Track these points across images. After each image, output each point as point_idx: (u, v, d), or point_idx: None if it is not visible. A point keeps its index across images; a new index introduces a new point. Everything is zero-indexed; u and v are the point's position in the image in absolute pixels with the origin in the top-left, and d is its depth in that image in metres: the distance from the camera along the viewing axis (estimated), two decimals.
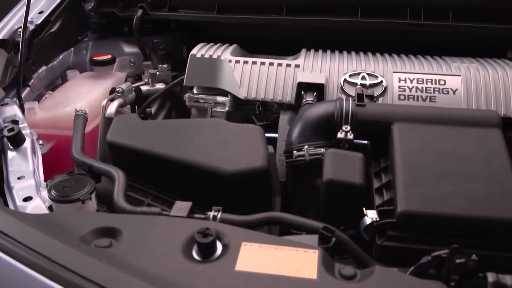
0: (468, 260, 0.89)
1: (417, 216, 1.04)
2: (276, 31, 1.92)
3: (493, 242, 1.04)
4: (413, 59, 1.66)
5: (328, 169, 1.13)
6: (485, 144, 1.19)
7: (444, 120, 1.25)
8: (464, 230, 1.04)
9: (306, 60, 1.63)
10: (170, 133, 1.32)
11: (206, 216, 1.07)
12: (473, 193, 1.07)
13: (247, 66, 1.62)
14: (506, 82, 1.52)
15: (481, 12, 1.74)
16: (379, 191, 1.18)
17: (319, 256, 0.88)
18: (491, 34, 1.77)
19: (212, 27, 2.05)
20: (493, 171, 1.12)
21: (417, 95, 1.51)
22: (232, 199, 1.19)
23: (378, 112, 1.30)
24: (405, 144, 1.18)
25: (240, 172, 1.17)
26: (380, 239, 1.06)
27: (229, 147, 1.24)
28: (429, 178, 1.10)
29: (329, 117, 1.30)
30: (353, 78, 1.56)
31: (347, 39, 1.81)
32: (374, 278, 0.84)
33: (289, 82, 1.58)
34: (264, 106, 1.62)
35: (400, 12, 1.75)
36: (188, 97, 1.68)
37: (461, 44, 1.80)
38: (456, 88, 1.51)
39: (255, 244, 0.91)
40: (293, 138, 1.32)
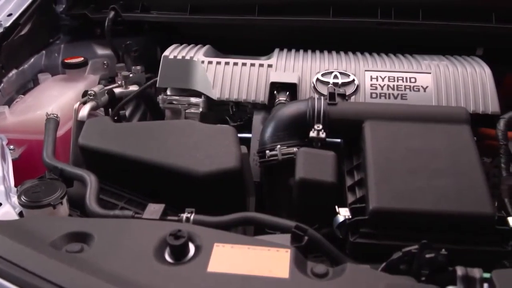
0: (438, 255, 0.91)
1: (388, 212, 1.05)
2: (249, 31, 1.92)
3: (462, 237, 1.06)
4: (384, 58, 1.68)
5: (300, 168, 1.14)
6: (454, 140, 1.21)
7: (414, 117, 1.27)
8: (434, 225, 1.05)
9: (279, 60, 1.64)
10: (143, 135, 1.31)
11: (179, 218, 1.07)
12: (443, 189, 1.09)
13: (220, 67, 1.62)
14: (475, 79, 1.55)
15: (450, 11, 1.77)
16: (352, 189, 1.19)
17: (291, 255, 0.88)
18: (460, 32, 1.80)
19: (186, 28, 2.04)
20: (461, 166, 1.14)
21: (388, 93, 1.53)
22: (206, 200, 1.19)
23: (350, 111, 1.31)
24: (376, 142, 1.19)
25: (213, 173, 1.17)
26: (353, 236, 1.07)
27: (201, 148, 1.24)
28: (400, 175, 1.12)
29: (301, 116, 1.31)
30: (326, 77, 1.57)
31: (320, 38, 1.82)
32: (345, 275, 0.85)
33: (262, 82, 1.58)
34: (237, 107, 1.62)
35: (371, 11, 1.77)
36: (161, 99, 1.67)
37: (431, 42, 1.83)
38: (426, 85, 1.54)
39: (227, 244, 0.91)
40: (266, 138, 1.33)
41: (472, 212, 1.05)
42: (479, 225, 1.06)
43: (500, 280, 0.83)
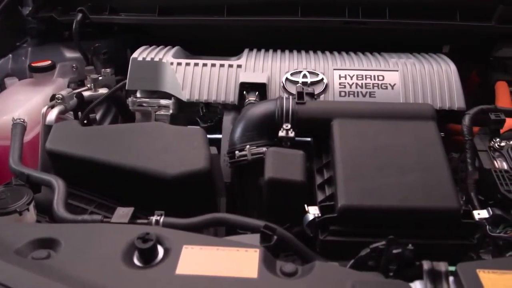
0: (405, 250, 0.92)
1: (356, 209, 1.06)
2: (218, 32, 1.92)
3: (430, 231, 1.07)
4: (352, 56, 1.70)
5: (269, 168, 1.14)
6: (421, 136, 1.23)
7: (381, 115, 1.28)
8: (402, 221, 1.07)
9: (248, 60, 1.64)
10: (111, 138, 1.30)
11: (148, 221, 1.07)
12: (410, 185, 1.10)
13: (189, 68, 1.62)
14: (441, 76, 1.58)
15: (416, 9, 1.79)
16: (321, 187, 1.20)
17: (260, 255, 0.88)
18: (426, 30, 1.83)
19: (155, 29, 2.03)
20: (428, 162, 1.16)
21: (357, 91, 1.54)
22: (176, 202, 1.19)
23: (318, 109, 1.32)
24: (344, 140, 1.21)
25: (182, 175, 1.17)
26: (323, 234, 1.08)
27: (170, 150, 1.23)
28: (368, 172, 1.13)
29: (270, 116, 1.31)
30: (295, 76, 1.57)
31: (289, 38, 1.84)
32: (313, 273, 0.85)
33: (232, 83, 1.58)
34: (208, 108, 1.62)
35: (339, 10, 1.78)
36: (131, 101, 1.66)
37: (398, 40, 1.85)
38: (394, 83, 1.56)
39: (196, 246, 0.90)
40: (236, 138, 1.33)
41: (438, 207, 1.07)
42: (446, 220, 1.08)
43: (464, 272, 0.85)
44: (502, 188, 1.21)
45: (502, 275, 0.85)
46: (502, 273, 0.85)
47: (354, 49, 1.76)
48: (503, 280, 0.83)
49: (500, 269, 0.86)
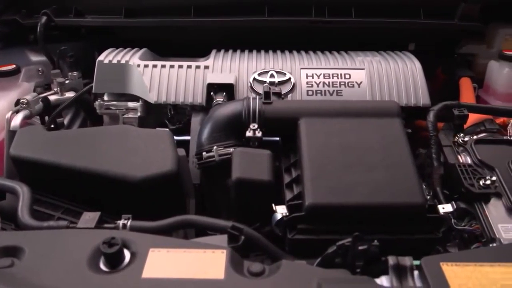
0: (370, 246, 0.93)
1: (323, 207, 1.07)
2: (186, 33, 1.92)
3: (396, 227, 1.09)
4: (319, 55, 1.71)
5: (236, 168, 1.14)
6: (386, 134, 1.24)
7: (347, 113, 1.30)
8: (369, 217, 1.08)
9: (215, 61, 1.64)
10: (77, 143, 1.28)
11: (115, 225, 1.05)
12: (376, 182, 1.12)
13: (156, 70, 1.61)
14: (406, 74, 1.60)
15: (381, 8, 1.82)
16: (289, 186, 1.20)
17: (227, 256, 0.88)
18: (392, 28, 1.86)
19: (122, 31, 2.01)
20: (393, 159, 1.18)
21: (324, 89, 1.56)
22: (144, 206, 1.18)
23: (285, 109, 1.33)
24: (311, 138, 1.21)
25: (149, 178, 1.16)
26: (291, 233, 1.08)
27: (137, 153, 1.22)
28: (335, 170, 1.14)
29: (237, 117, 1.31)
30: (262, 76, 1.58)
31: (256, 38, 1.84)
32: (280, 272, 0.86)
33: (199, 84, 1.58)
34: (176, 109, 1.61)
35: (305, 9, 1.80)
36: (98, 105, 1.64)
37: (365, 38, 1.87)
38: (360, 81, 1.57)
39: (163, 249, 0.90)
40: (203, 139, 1.32)
41: (404, 202, 1.09)
42: (411, 215, 1.09)
43: (428, 266, 0.86)
44: (466, 182, 1.23)
45: (464, 267, 0.86)
46: (464, 265, 0.87)
47: (321, 48, 1.78)
48: (465, 272, 0.85)
49: (462, 262, 0.88)
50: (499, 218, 1.18)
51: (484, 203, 1.21)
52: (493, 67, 1.80)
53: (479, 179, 1.24)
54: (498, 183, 1.25)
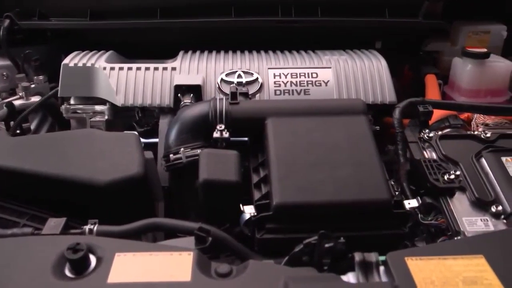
0: (336, 243, 0.94)
1: (291, 206, 1.08)
2: (153, 35, 1.90)
3: (363, 223, 1.10)
4: (287, 55, 1.72)
5: (203, 169, 1.13)
6: (352, 131, 1.26)
7: (314, 111, 1.31)
8: (336, 215, 1.09)
9: (183, 62, 1.63)
10: (42, 148, 1.26)
11: (82, 231, 1.04)
12: (342, 179, 1.13)
13: (122, 73, 1.59)
14: (373, 72, 1.62)
15: (347, 7, 1.84)
16: (258, 186, 1.20)
17: (194, 258, 0.88)
18: (358, 27, 1.88)
19: (88, 34, 1.98)
20: (360, 156, 1.19)
21: (292, 89, 1.57)
22: (112, 210, 1.16)
23: (252, 109, 1.33)
24: (278, 138, 1.22)
25: (115, 181, 1.14)
26: (259, 232, 1.09)
27: (103, 156, 1.20)
28: (302, 169, 1.15)
29: (204, 118, 1.31)
30: (230, 77, 1.58)
31: (224, 38, 1.84)
32: (247, 272, 0.86)
33: (167, 86, 1.57)
34: (143, 112, 1.60)
35: (272, 9, 1.81)
36: (64, 109, 1.61)
37: (332, 37, 1.88)
38: (327, 80, 1.59)
39: (129, 253, 0.89)
40: (170, 141, 1.31)
41: (370, 199, 1.10)
42: (378, 211, 1.11)
43: (393, 261, 0.88)
44: (431, 177, 1.25)
45: (428, 261, 0.88)
46: (428, 259, 0.88)
47: (288, 48, 1.78)
48: (429, 265, 0.87)
49: (426, 256, 0.89)
50: (463, 212, 1.20)
51: (449, 197, 1.23)
52: (457, 64, 1.84)
53: (444, 174, 1.26)
54: (462, 177, 1.27)
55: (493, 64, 1.77)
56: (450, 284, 0.83)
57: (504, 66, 1.79)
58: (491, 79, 1.77)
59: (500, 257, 0.90)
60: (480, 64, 1.75)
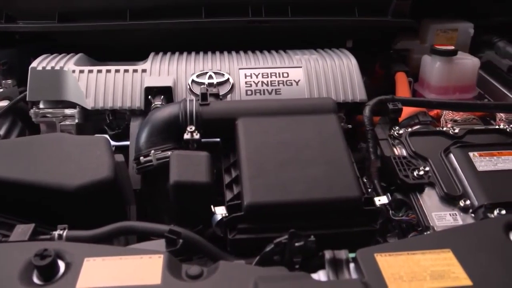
0: (307, 242, 0.94)
1: (262, 206, 1.08)
2: (123, 37, 1.88)
3: (335, 221, 1.11)
4: (258, 55, 1.72)
5: (174, 171, 1.13)
6: (323, 130, 1.26)
7: (284, 111, 1.31)
8: (307, 213, 1.10)
9: (153, 64, 1.62)
10: (9, 153, 1.23)
11: (51, 237, 1.03)
12: (313, 178, 1.13)
13: (92, 75, 1.57)
14: (343, 70, 1.64)
15: (317, 6, 1.85)
16: (229, 186, 1.20)
17: (164, 261, 0.87)
18: (329, 26, 1.89)
19: (57, 36, 1.95)
20: (330, 154, 1.20)
21: (263, 89, 1.57)
22: (83, 215, 1.15)
23: (222, 110, 1.33)
24: (248, 138, 1.22)
25: (85, 186, 1.13)
26: (231, 233, 1.09)
27: (72, 161, 1.19)
28: (273, 168, 1.15)
29: (175, 119, 1.30)
30: (201, 78, 1.57)
31: (195, 40, 1.83)
32: (218, 273, 0.86)
33: (137, 88, 1.56)
34: (114, 115, 1.58)
35: (242, 10, 1.80)
36: (33, 113, 1.59)
37: (303, 37, 1.90)
38: (298, 79, 1.60)
39: (98, 258, 0.88)
40: (141, 144, 1.30)
41: (340, 197, 1.11)
42: (348, 208, 1.11)
43: (363, 258, 0.88)
44: (401, 173, 1.27)
45: (397, 257, 0.89)
46: (397, 255, 0.89)
47: (259, 48, 1.79)
48: (397, 261, 0.88)
49: (395, 251, 0.90)
50: (433, 207, 1.22)
51: (418, 193, 1.26)
52: (426, 62, 1.86)
53: (414, 170, 1.28)
54: (431, 173, 1.29)
55: (461, 61, 1.81)
56: (418, 278, 0.85)
57: (471, 63, 1.82)
58: (459, 76, 1.80)
59: (467, 250, 0.92)
60: (448, 62, 1.78)
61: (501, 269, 0.89)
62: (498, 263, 0.90)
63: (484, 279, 0.86)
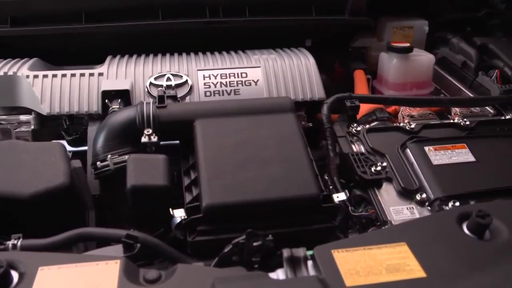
0: (265, 241, 0.95)
1: (221, 207, 1.08)
2: (80, 40, 1.84)
3: (294, 219, 1.11)
4: (216, 56, 1.72)
5: (131, 175, 1.11)
6: (281, 129, 1.27)
7: (242, 111, 1.31)
8: (266, 213, 1.10)
9: (110, 67, 1.60)
10: None
11: (5, 246, 1.00)
12: (271, 177, 1.14)
13: (47, 80, 1.54)
14: (301, 69, 1.65)
15: (275, 6, 1.85)
16: (189, 189, 1.19)
17: (121, 266, 0.86)
18: (287, 26, 1.90)
19: (11, 41, 1.90)
20: (288, 153, 1.20)
21: (222, 89, 1.57)
22: (39, 222, 1.13)
23: (180, 112, 1.32)
24: (206, 139, 1.22)
25: (39, 193, 1.11)
26: (191, 235, 1.08)
27: (27, 168, 1.16)
28: (231, 169, 1.15)
29: (131, 123, 1.29)
30: (159, 80, 1.56)
31: (152, 42, 1.81)
32: (176, 276, 0.85)
33: (94, 92, 1.53)
34: (71, 120, 1.55)
35: (200, 11, 1.80)
36: None
37: (262, 37, 1.90)
38: (257, 79, 1.60)
39: (53, 266, 0.86)
40: (98, 148, 1.28)
41: (298, 195, 1.12)
42: (307, 206, 1.12)
43: (320, 255, 0.89)
44: (359, 170, 1.29)
45: (353, 252, 0.90)
46: (354, 250, 0.91)
47: (219, 49, 1.78)
48: (354, 256, 0.89)
49: (352, 247, 0.92)
50: (390, 202, 1.24)
51: (376, 188, 1.27)
52: (383, 59, 1.89)
53: (371, 166, 1.30)
54: (389, 168, 1.31)
55: (416, 57, 1.84)
56: (374, 273, 0.86)
57: (426, 59, 1.86)
58: (415, 72, 1.84)
59: (422, 243, 0.94)
60: (404, 58, 1.82)
61: (454, 259, 0.91)
62: (451, 253, 0.93)
63: (438, 270, 0.88)
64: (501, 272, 0.88)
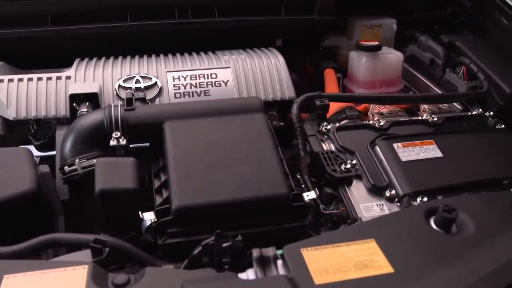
0: (234, 242, 0.95)
1: (191, 209, 1.07)
2: (47, 43, 1.81)
3: (264, 219, 1.12)
4: (186, 57, 1.71)
5: (99, 179, 1.10)
6: (250, 129, 1.27)
7: (212, 112, 1.31)
8: (237, 213, 1.10)
9: (78, 70, 1.58)
10: None
11: None
12: (241, 177, 1.14)
13: (12, 84, 1.51)
14: (271, 69, 1.65)
15: (243, 7, 1.85)
16: (159, 191, 1.19)
17: (89, 271, 0.86)
18: (257, 26, 1.90)
19: None
20: (258, 153, 1.21)
21: (191, 91, 1.56)
22: (6, 229, 1.10)
23: (148, 114, 1.32)
24: (176, 141, 1.21)
25: (5, 200, 1.08)
26: (161, 238, 1.07)
27: None
28: (201, 170, 1.15)
29: (99, 126, 1.27)
30: (128, 82, 1.55)
31: (121, 44, 1.79)
32: (144, 279, 0.85)
33: (62, 95, 1.51)
34: (39, 124, 1.52)
35: (168, 12, 1.78)
36: None
37: (231, 37, 1.89)
38: (227, 79, 1.60)
39: (19, 274, 0.85)
40: (65, 153, 1.27)
41: (268, 194, 1.12)
42: (277, 206, 1.13)
43: (289, 254, 0.90)
44: (329, 168, 1.30)
45: (322, 250, 0.91)
46: (323, 248, 0.92)
47: (188, 50, 1.77)
48: (323, 254, 0.90)
49: (321, 245, 0.92)
50: (360, 199, 1.26)
51: (346, 186, 1.29)
52: (353, 57, 1.91)
53: (341, 164, 1.31)
54: (359, 166, 1.33)
55: (385, 56, 1.86)
56: (343, 270, 0.87)
57: (395, 57, 1.88)
58: (384, 70, 1.85)
59: (390, 239, 0.95)
60: (373, 57, 1.83)
61: (421, 253, 0.93)
62: (419, 248, 0.94)
63: (406, 265, 0.90)
64: (467, 265, 0.90)
